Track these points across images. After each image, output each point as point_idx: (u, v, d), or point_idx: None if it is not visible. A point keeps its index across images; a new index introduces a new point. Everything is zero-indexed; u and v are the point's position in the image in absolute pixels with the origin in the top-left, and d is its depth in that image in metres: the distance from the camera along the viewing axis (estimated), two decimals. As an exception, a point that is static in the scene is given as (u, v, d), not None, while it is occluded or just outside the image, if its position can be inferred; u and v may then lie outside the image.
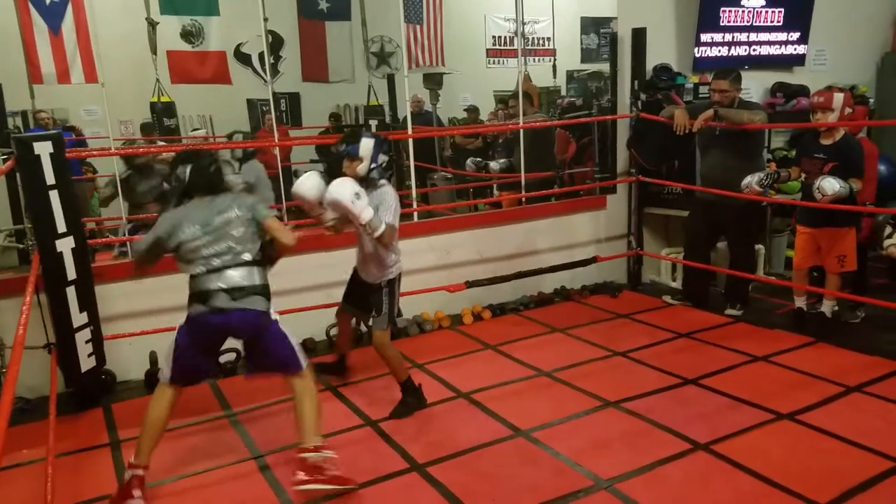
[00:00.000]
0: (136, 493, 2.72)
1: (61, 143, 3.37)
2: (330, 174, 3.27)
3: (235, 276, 2.76)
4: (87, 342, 3.51)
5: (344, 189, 3.06)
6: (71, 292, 3.40)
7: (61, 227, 3.33)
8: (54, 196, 3.28)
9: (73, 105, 4.91)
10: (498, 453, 3.09)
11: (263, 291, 2.83)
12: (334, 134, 5.77)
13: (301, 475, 2.79)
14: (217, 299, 2.73)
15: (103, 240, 4.59)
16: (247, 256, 2.80)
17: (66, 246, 3.35)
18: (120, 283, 4.04)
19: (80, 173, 4.81)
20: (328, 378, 3.94)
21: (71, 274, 3.38)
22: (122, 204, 4.54)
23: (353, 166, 3.27)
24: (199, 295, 2.75)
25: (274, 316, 2.88)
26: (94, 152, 4.61)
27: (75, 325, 3.44)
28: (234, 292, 2.74)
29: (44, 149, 3.23)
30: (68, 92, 4.49)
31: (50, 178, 3.26)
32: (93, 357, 3.57)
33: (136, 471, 2.75)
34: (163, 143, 5.01)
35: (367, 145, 3.26)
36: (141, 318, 4.06)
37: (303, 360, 2.91)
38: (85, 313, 3.49)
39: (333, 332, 4.57)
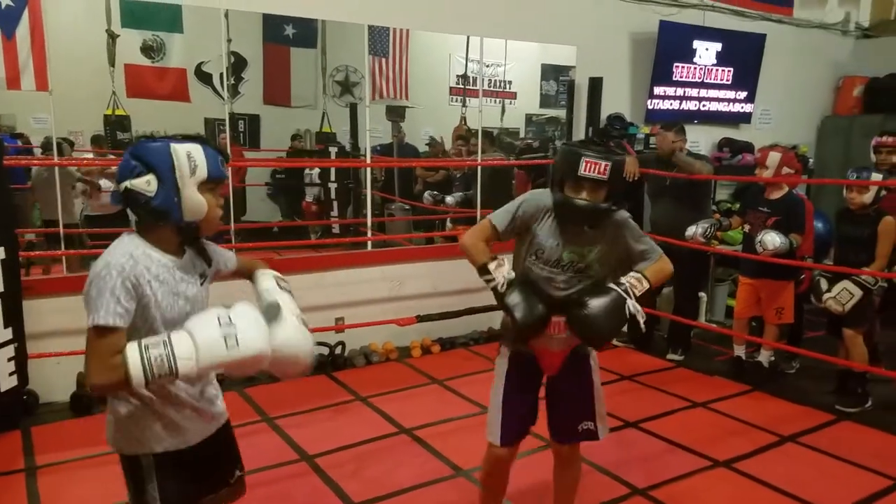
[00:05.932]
0: None
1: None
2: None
3: None
4: (9, 360, 3.35)
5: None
6: (-4, 306, 3.24)
7: (-7, 236, 3.19)
8: (-12, 204, 3.15)
9: (23, 112, 4.78)
10: (437, 494, 3.03)
11: None
12: (294, 156, 5.71)
13: None
14: None
15: (40, 252, 4.40)
16: None
17: (-5, 256, 3.21)
18: (52, 298, 3.85)
19: (23, 182, 4.63)
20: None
21: (-1, 286, 3.24)
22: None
23: None
24: None
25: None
26: (35, 161, 4.48)
27: (-1, 340, 3.28)
28: None
29: (-21, 155, 3.11)
30: (18, 98, 4.35)
31: (-15, 186, 3.13)
32: (14, 376, 3.40)
33: None
34: (112, 157, 4.87)
35: None
36: (71, 337, 3.88)
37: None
38: (10, 329, 3.34)
39: None
